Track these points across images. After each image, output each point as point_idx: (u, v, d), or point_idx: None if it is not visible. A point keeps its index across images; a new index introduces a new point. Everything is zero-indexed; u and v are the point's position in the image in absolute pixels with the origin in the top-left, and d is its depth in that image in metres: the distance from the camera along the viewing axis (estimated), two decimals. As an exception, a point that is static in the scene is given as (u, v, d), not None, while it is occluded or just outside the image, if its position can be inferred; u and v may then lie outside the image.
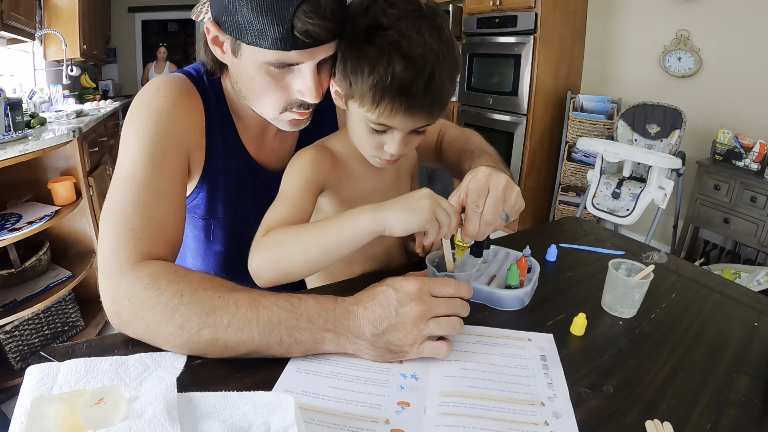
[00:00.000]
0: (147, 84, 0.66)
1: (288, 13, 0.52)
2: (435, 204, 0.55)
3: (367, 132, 0.63)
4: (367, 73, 0.56)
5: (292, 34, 0.54)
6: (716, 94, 2.46)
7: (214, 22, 0.59)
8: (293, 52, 0.56)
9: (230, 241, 0.79)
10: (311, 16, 0.53)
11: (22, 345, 1.61)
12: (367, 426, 0.45)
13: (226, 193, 0.74)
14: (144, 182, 0.58)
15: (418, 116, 0.59)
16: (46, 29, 2.90)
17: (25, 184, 1.75)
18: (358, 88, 0.58)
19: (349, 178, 0.71)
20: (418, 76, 0.55)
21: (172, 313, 0.50)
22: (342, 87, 0.61)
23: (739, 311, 0.70)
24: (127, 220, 0.56)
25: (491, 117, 3.10)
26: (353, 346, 0.52)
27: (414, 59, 0.54)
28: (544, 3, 2.68)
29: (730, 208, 2.19)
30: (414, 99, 0.56)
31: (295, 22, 0.53)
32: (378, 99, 0.57)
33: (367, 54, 0.56)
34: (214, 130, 0.70)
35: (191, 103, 0.66)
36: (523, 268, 0.70)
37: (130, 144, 0.60)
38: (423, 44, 0.55)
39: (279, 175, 0.67)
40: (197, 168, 0.70)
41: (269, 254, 0.58)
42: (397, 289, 0.53)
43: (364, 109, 0.59)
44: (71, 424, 0.39)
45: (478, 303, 0.67)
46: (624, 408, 0.48)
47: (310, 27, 0.53)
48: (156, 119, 0.61)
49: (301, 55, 0.57)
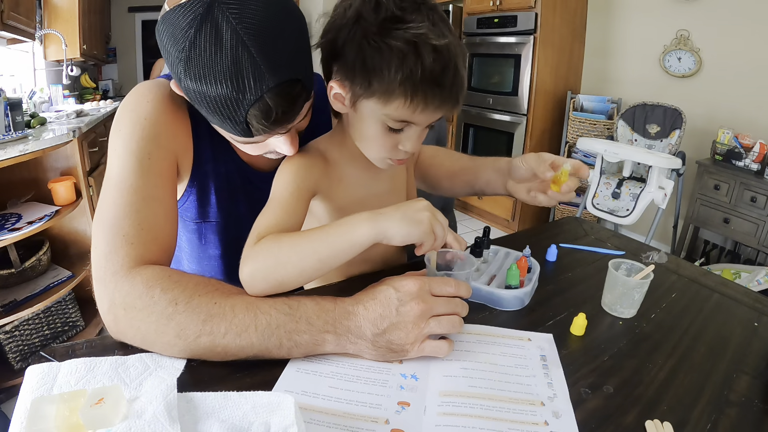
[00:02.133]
0: (132, 90, 0.65)
1: (239, 116, 0.52)
2: (433, 217, 0.55)
3: (382, 133, 0.59)
4: (395, 68, 0.52)
5: (249, 128, 0.54)
6: (716, 94, 2.46)
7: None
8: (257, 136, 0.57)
9: (225, 244, 0.78)
10: (262, 121, 0.53)
11: (22, 345, 1.61)
12: (367, 426, 0.45)
13: (217, 195, 0.74)
14: (134, 187, 0.58)
15: (446, 108, 0.57)
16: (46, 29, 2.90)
17: (25, 184, 1.75)
18: (383, 86, 0.53)
19: (341, 182, 0.69)
20: (446, 67, 0.53)
21: (168, 322, 0.50)
22: (352, 88, 0.57)
23: (739, 311, 0.70)
24: (119, 225, 0.55)
25: (491, 117, 3.10)
26: (354, 347, 0.52)
27: (441, 51, 0.52)
28: (544, 3, 2.68)
29: (730, 208, 2.19)
30: (444, 91, 0.55)
31: (249, 120, 0.53)
32: (411, 94, 0.53)
33: (391, 48, 0.52)
34: (201, 133, 0.69)
35: (176, 107, 0.66)
36: (523, 268, 0.70)
37: (118, 150, 0.60)
38: (443, 35, 0.53)
39: (270, 175, 0.67)
40: (186, 171, 0.70)
41: (262, 264, 0.55)
42: (397, 289, 0.53)
43: (390, 106, 0.55)
44: (71, 424, 0.39)
45: (478, 303, 0.67)
46: (624, 408, 0.48)
47: (263, 129, 0.55)
48: (142, 124, 0.61)
49: (268, 135, 0.58)
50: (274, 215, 0.60)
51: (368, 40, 0.53)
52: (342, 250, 0.54)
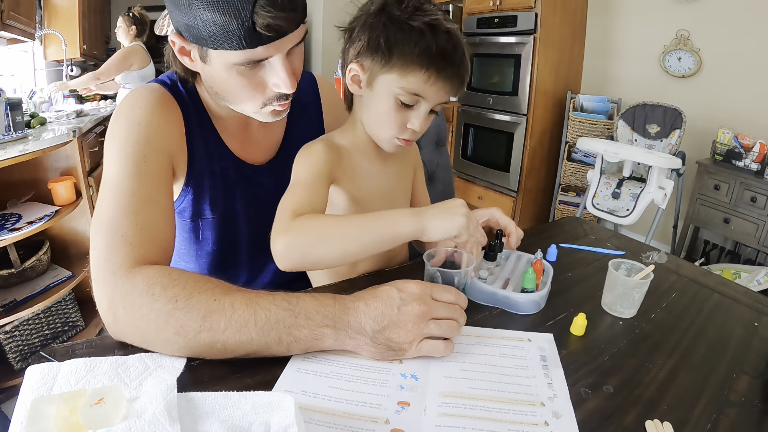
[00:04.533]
0: (125, 97, 0.67)
1: (246, 10, 0.52)
2: (469, 213, 0.62)
3: (394, 109, 0.65)
4: (414, 42, 0.60)
5: (254, 31, 0.54)
6: (716, 94, 2.46)
7: (177, 33, 0.59)
8: (260, 48, 0.57)
9: (220, 240, 0.79)
10: (269, 9, 0.53)
11: (22, 345, 1.61)
12: (367, 426, 0.45)
13: (212, 193, 0.75)
14: (131, 189, 0.59)
15: (454, 84, 0.64)
16: (46, 29, 2.90)
17: (25, 184, 1.75)
18: (401, 58, 0.61)
19: (354, 173, 0.73)
20: (456, 48, 0.62)
21: (168, 319, 0.50)
22: (372, 66, 0.64)
23: (739, 311, 0.70)
24: (117, 226, 0.56)
25: (491, 117, 3.10)
26: (353, 342, 0.53)
27: (452, 33, 0.62)
28: (544, 3, 2.68)
29: (730, 208, 2.19)
30: (452, 67, 0.63)
31: (255, 18, 0.53)
32: (426, 65, 0.61)
33: (412, 27, 0.61)
34: (194, 134, 0.71)
35: (169, 110, 0.67)
36: (539, 272, 0.69)
37: (114, 155, 0.61)
38: (452, 23, 0.63)
39: (265, 167, 0.68)
40: (181, 172, 0.71)
41: (303, 238, 0.58)
42: (400, 289, 0.54)
43: (406, 78, 0.62)
44: (71, 424, 0.39)
45: (488, 305, 0.67)
46: (624, 408, 0.48)
47: (271, 21, 0.54)
48: (136, 129, 0.62)
49: (269, 50, 0.58)
50: (304, 195, 0.63)
51: (392, 21, 0.62)
52: (384, 240, 0.60)
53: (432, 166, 1.28)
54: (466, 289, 0.67)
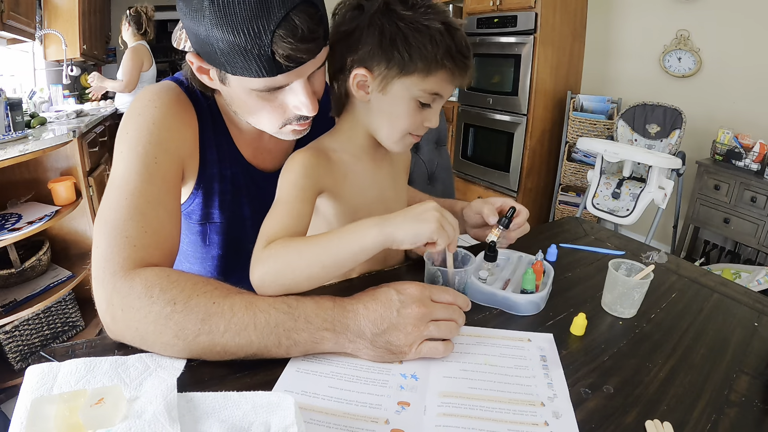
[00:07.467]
0: (139, 94, 0.65)
1: (265, 40, 0.51)
2: (441, 216, 0.56)
3: (413, 110, 0.64)
4: (436, 43, 0.59)
5: (274, 60, 0.53)
6: (716, 94, 2.46)
7: (195, 53, 0.58)
8: (280, 76, 0.56)
9: (227, 244, 0.78)
10: (289, 41, 0.52)
11: (22, 345, 1.61)
12: (367, 426, 0.45)
13: (222, 197, 0.74)
14: (138, 190, 0.58)
15: (466, 78, 0.65)
16: (46, 29, 2.90)
17: (25, 184, 1.75)
18: (423, 60, 0.60)
19: (346, 177, 0.70)
20: (467, 44, 0.62)
21: (166, 321, 0.50)
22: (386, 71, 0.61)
23: (739, 311, 0.70)
24: (122, 227, 0.55)
25: (491, 117, 3.10)
26: (352, 345, 0.53)
27: (461, 31, 0.62)
28: (544, 3, 2.68)
29: (730, 208, 2.19)
30: (468, 61, 0.63)
31: (274, 48, 0.52)
32: (449, 64, 0.61)
33: (430, 28, 0.59)
34: (208, 138, 0.70)
35: (184, 111, 0.66)
36: (539, 273, 0.69)
37: (124, 154, 0.60)
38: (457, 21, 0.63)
39: (274, 175, 0.66)
40: (192, 175, 0.70)
41: (271, 268, 0.55)
42: (399, 291, 0.54)
43: (429, 79, 0.61)
44: (71, 424, 0.39)
45: (488, 306, 0.67)
46: (624, 408, 0.48)
47: (291, 52, 0.52)
48: (149, 129, 0.61)
49: (289, 77, 0.57)
50: (281, 218, 0.60)
51: (404, 22, 0.59)
52: (349, 256, 0.56)
53: (432, 166, 1.28)
54: (466, 289, 0.67)
